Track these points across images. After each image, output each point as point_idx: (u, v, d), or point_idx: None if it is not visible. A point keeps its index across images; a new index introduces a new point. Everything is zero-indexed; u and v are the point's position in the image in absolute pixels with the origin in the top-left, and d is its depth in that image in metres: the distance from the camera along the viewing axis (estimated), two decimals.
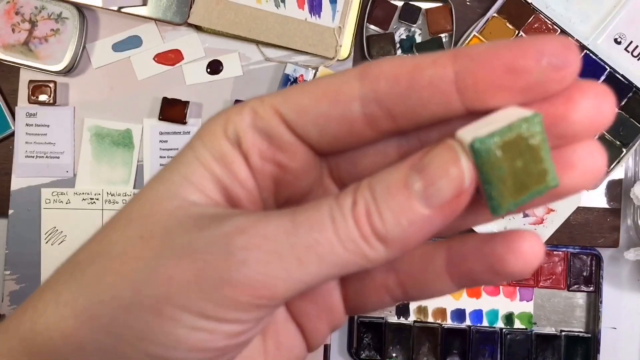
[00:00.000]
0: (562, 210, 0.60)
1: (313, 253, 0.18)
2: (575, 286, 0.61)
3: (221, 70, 0.61)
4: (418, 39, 0.61)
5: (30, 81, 0.60)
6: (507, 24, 0.59)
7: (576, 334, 0.61)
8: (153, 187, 0.20)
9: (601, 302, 0.60)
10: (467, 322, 0.62)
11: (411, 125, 0.20)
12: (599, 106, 0.18)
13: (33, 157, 0.61)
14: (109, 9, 0.59)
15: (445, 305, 0.62)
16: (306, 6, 0.59)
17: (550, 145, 0.19)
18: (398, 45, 0.61)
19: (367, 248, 0.18)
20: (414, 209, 0.18)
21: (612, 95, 0.19)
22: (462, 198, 0.18)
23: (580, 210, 0.60)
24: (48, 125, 0.61)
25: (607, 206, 0.61)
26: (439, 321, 0.62)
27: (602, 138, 0.58)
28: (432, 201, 0.18)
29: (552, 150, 0.19)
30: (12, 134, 0.61)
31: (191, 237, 0.19)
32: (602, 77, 0.59)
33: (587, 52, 0.59)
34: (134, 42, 0.61)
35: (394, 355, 0.62)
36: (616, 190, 0.61)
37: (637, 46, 0.59)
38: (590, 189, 0.20)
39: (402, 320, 0.62)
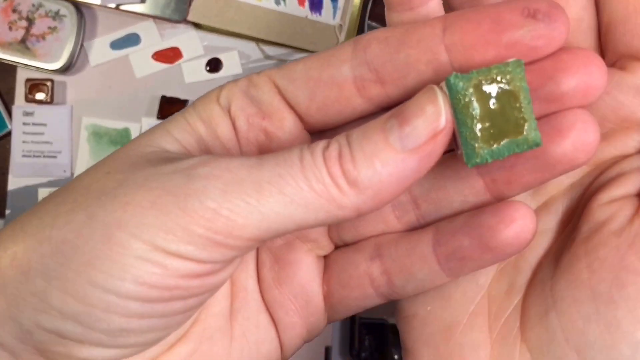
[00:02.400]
0: None
1: (275, 187, 0.18)
2: None
3: (221, 69, 0.60)
4: None
5: (28, 80, 0.59)
6: None
7: None
8: (136, 138, 0.20)
9: None
10: None
11: (399, 92, 0.19)
12: (589, 70, 0.18)
13: (30, 156, 0.60)
14: (107, 7, 0.58)
15: None
16: (307, 3, 0.59)
17: (539, 112, 0.19)
18: None
19: (337, 192, 0.18)
20: (388, 150, 0.18)
21: (604, 64, 0.18)
22: (438, 140, 0.18)
23: None
24: (45, 124, 0.60)
25: None
26: None
27: None
28: (407, 142, 0.18)
29: (541, 118, 0.19)
30: (9, 133, 0.60)
31: (155, 169, 0.18)
32: None
33: None
34: (132, 40, 0.60)
35: (395, 356, 0.61)
36: None
37: None
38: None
39: None
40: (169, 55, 0.60)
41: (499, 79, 0.18)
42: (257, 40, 0.60)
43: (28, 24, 0.59)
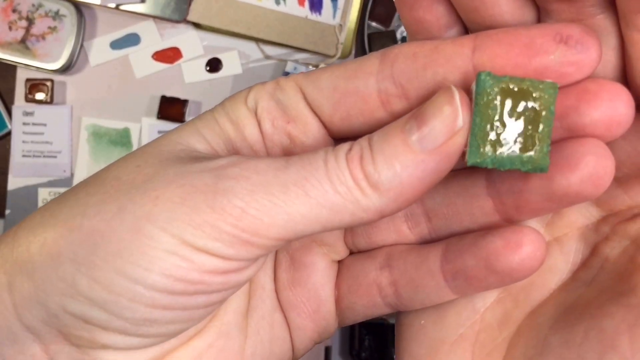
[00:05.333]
0: None
1: (301, 189, 0.18)
2: None
3: (220, 69, 0.60)
4: None
5: (27, 80, 0.59)
6: None
7: None
8: (166, 134, 0.21)
9: None
10: None
11: None
12: (614, 104, 0.18)
13: (30, 156, 0.60)
14: (106, 7, 0.58)
15: None
16: (307, 3, 0.59)
17: (555, 138, 0.18)
18: (400, 42, 0.61)
19: (360, 194, 0.18)
20: (407, 152, 0.18)
21: (632, 98, 0.18)
22: (456, 140, 0.18)
23: None
24: (45, 124, 0.60)
25: None
26: None
27: None
28: (425, 143, 0.18)
29: (555, 143, 0.18)
30: (9, 133, 0.60)
31: (185, 167, 0.19)
32: None
33: None
34: (132, 40, 0.60)
35: (395, 357, 0.61)
36: None
37: None
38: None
39: None
40: (169, 55, 0.60)
41: (529, 92, 0.18)
42: (257, 40, 0.60)
43: (28, 24, 0.59)
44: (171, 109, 0.59)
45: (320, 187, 0.18)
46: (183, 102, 0.59)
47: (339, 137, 0.21)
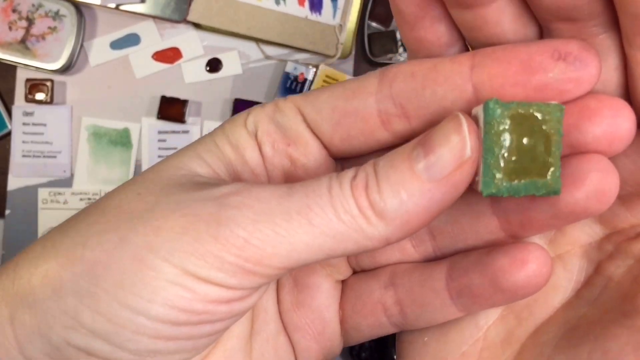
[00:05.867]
0: None
1: (305, 218, 0.18)
2: None
3: (220, 69, 0.60)
4: None
5: (27, 80, 0.59)
6: None
7: None
8: (167, 159, 0.21)
9: None
10: None
11: (425, 128, 0.19)
12: (616, 120, 0.18)
13: (30, 156, 0.60)
14: (107, 7, 0.58)
15: None
16: (307, 3, 0.59)
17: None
18: (400, 43, 0.60)
19: (365, 222, 0.18)
20: (414, 180, 0.17)
21: (633, 113, 0.18)
22: (464, 170, 0.17)
23: None
24: (45, 125, 0.60)
25: None
26: None
27: None
28: (432, 172, 0.17)
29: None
30: (9, 133, 0.60)
31: (187, 195, 0.18)
32: None
33: None
34: (132, 40, 0.60)
35: (395, 357, 0.61)
36: None
37: None
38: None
39: None
40: (169, 55, 0.60)
41: (537, 116, 0.17)
42: (257, 40, 0.60)
43: (28, 24, 0.59)
44: (171, 109, 0.59)
45: (324, 216, 0.18)
46: (183, 102, 0.59)
47: (340, 158, 0.21)
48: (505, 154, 0.17)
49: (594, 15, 0.17)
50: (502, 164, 0.17)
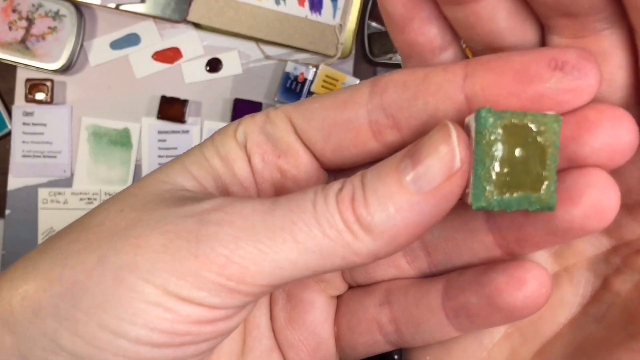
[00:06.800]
0: None
1: (288, 234, 0.17)
2: None
3: (220, 69, 0.60)
4: None
5: (27, 80, 0.59)
6: None
7: None
8: (153, 173, 0.20)
9: None
10: None
11: (416, 139, 0.18)
12: (616, 132, 0.17)
13: (30, 156, 0.60)
14: (107, 7, 0.58)
15: None
16: (307, 3, 0.59)
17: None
18: None
19: (351, 237, 0.17)
20: (402, 193, 0.17)
21: (635, 124, 0.17)
22: (453, 181, 0.17)
23: None
24: (45, 125, 0.60)
25: None
26: None
27: None
28: (421, 183, 0.16)
29: (557, 173, 0.17)
30: (9, 133, 0.60)
31: (169, 211, 0.18)
32: None
33: None
34: (132, 40, 0.60)
35: (395, 357, 0.61)
36: None
37: None
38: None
39: None
40: (169, 55, 0.60)
41: (532, 127, 0.16)
42: (257, 40, 0.60)
43: (28, 24, 0.59)
44: (171, 109, 0.59)
45: (309, 231, 0.17)
46: (183, 102, 0.59)
47: (331, 169, 0.21)
48: (497, 166, 0.17)
49: (595, 9, 0.17)
50: (493, 176, 0.17)
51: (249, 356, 0.22)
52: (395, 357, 0.61)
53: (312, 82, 0.59)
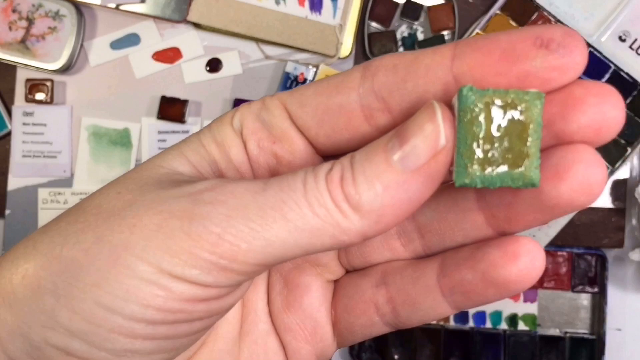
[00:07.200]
0: None
1: (279, 213, 0.17)
2: (580, 287, 0.60)
3: (221, 69, 0.60)
4: (420, 37, 0.60)
5: (27, 80, 0.59)
6: (510, 21, 0.59)
7: (581, 335, 0.61)
8: (151, 158, 0.21)
9: (606, 304, 0.60)
10: (470, 323, 0.61)
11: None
12: (602, 108, 0.17)
13: (30, 156, 0.60)
14: (107, 7, 0.58)
15: None
16: (307, 3, 0.59)
17: (543, 145, 0.17)
18: (400, 43, 0.60)
19: (340, 216, 0.17)
20: (389, 172, 0.17)
21: (621, 100, 0.17)
22: (439, 160, 0.17)
23: (584, 210, 0.60)
24: (45, 125, 0.60)
25: (611, 206, 0.60)
26: (441, 323, 0.61)
27: None
28: (407, 162, 0.17)
29: (543, 150, 0.17)
30: (9, 134, 0.60)
31: (164, 192, 0.18)
32: (607, 75, 0.58)
33: (592, 49, 0.58)
34: (132, 40, 0.60)
35: (395, 357, 0.61)
36: (621, 190, 0.60)
37: None
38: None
39: None
40: (169, 55, 0.60)
41: (514, 104, 0.17)
42: (257, 40, 0.60)
43: (28, 24, 0.59)
44: (171, 109, 0.59)
45: (299, 210, 0.17)
46: (183, 102, 0.59)
47: (326, 155, 0.21)
48: (480, 143, 0.17)
49: None
50: (475, 154, 0.17)
51: (246, 340, 0.22)
52: (395, 357, 0.61)
53: (312, 82, 0.59)
